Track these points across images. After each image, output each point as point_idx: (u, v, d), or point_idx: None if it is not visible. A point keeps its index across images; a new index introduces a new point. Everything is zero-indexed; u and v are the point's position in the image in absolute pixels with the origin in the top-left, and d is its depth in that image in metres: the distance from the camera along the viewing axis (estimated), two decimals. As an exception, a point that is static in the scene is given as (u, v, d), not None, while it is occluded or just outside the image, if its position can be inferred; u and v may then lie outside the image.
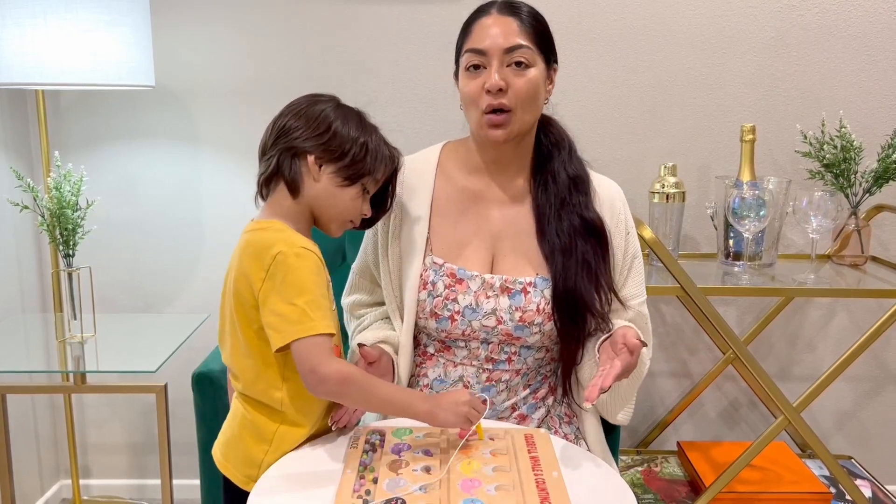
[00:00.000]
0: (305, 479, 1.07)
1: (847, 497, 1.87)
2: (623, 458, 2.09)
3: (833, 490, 1.89)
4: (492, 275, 1.31)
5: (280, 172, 1.14)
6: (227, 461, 1.17)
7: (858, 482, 1.92)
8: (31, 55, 1.66)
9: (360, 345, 1.27)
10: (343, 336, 1.35)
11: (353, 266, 1.45)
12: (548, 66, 1.29)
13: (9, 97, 2.01)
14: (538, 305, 1.28)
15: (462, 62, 1.28)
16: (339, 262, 1.82)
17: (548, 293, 1.29)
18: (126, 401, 2.23)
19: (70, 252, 1.79)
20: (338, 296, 1.29)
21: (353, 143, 1.14)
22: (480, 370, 1.32)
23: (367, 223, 1.27)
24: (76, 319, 1.82)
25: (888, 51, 2.01)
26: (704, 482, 1.83)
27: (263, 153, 1.17)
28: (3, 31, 1.65)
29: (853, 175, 1.88)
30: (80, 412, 2.23)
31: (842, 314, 2.16)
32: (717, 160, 2.07)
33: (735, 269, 1.84)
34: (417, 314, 1.32)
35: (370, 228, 1.36)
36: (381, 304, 1.42)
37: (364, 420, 1.30)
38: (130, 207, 2.12)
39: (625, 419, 1.40)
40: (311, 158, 1.13)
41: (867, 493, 1.91)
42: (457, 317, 1.29)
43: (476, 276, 1.30)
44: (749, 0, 2.00)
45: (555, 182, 1.32)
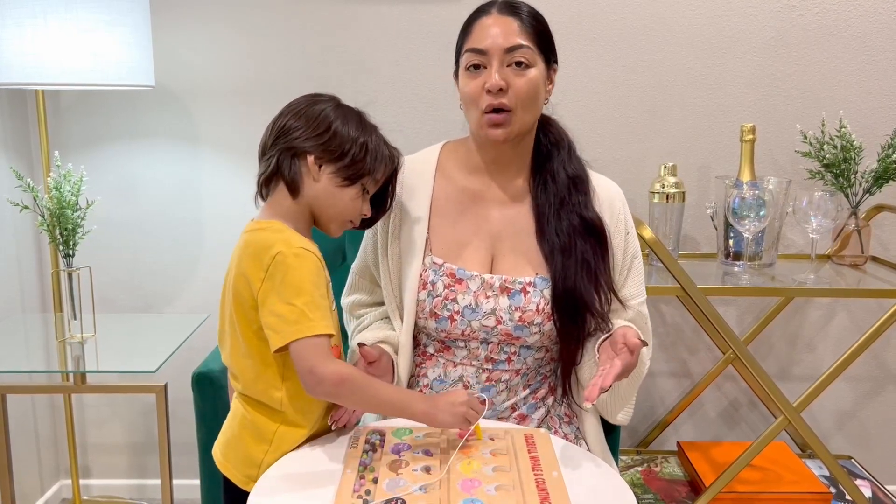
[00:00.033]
0: (305, 479, 1.07)
1: (847, 497, 1.87)
2: (623, 458, 2.09)
3: (833, 490, 1.89)
4: (491, 275, 1.31)
5: (280, 172, 1.14)
6: (227, 461, 1.17)
7: (858, 482, 1.92)
8: (31, 55, 1.66)
9: (360, 344, 1.27)
10: (343, 336, 1.35)
11: (353, 266, 1.45)
12: (548, 67, 1.29)
13: (9, 97, 2.01)
14: (538, 305, 1.28)
15: (462, 62, 1.28)
16: (339, 262, 1.82)
17: (547, 293, 1.29)
18: (126, 401, 2.23)
19: (70, 252, 1.79)
20: (337, 296, 1.29)
21: (353, 143, 1.14)
22: (480, 370, 1.32)
23: (367, 223, 1.27)
24: (76, 319, 1.82)
25: (888, 51, 2.01)
26: (704, 482, 1.83)
27: (263, 153, 1.17)
28: (3, 31, 1.65)
29: (853, 175, 1.88)
30: (80, 412, 2.23)
31: (842, 314, 2.16)
32: (717, 160, 2.07)
33: (735, 269, 1.84)
34: (417, 314, 1.32)
35: (370, 229, 1.36)
36: (381, 304, 1.42)
37: (364, 420, 1.30)
38: (130, 207, 2.12)
39: (625, 419, 1.39)
40: (311, 158, 1.13)
41: (867, 493, 1.91)
42: (456, 317, 1.29)
43: (475, 276, 1.30)
44: (749, 0, 2.00)
45: (554, 182, 1.32)
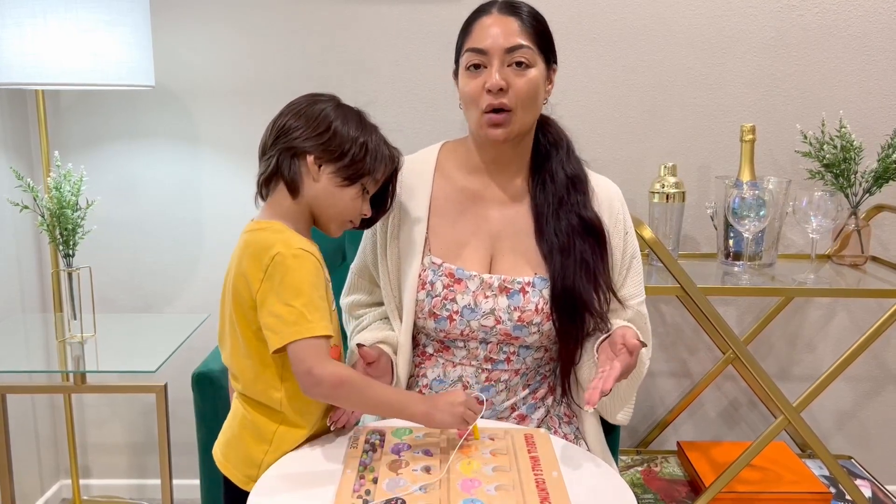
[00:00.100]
0: (305, 479, 1.07)
1: (847, 497, 1.87)
2: (623, 458, 2.09)
3: (833, 490, 1.89)
4: (490, 275, 1.31)
5: (280, 172, 1.14)
6: (228, 461, 1.17)
7: (858, 482, 1.92)
8: (31, 55, 1.66)
9: (359, 345, 1.27)
10: (343, 336, 1.35)
11: (352, 266, 1.45)
12: (547, 67, 1.29)
13: (9, 97, 2.01)
14: (537, 305, 1.28)
15: (462, 61, 1.28)
16: (339, 262, 1.82)
17: (546, 293, 1.29)
18: (126, 401, 2.23)
19: (70, 252, 1.79)
20: (337, 296, 1.29)
21: (353, 143, 1.14)
22: (479, 370, 1.32)
23: (367, 223, 1.27)
24: (76, 319, 1.82)
25: (888, 51, 2.01)
26: (704, 482, 1.83)
27: (263, 153, 1.17)
28: (3, 31, 1.65)
29: (853, 175, 1.88)
30: (80, 412, 2.23)
31: (842, 314, 2.16)
32: (717, 160, 2.07)
33: (735, 269, 1.84)
34: (416, 314, 1.32)
35: (369, 229, 1.36)
36: (380, 305, 1.42)
37: (363, 420, 1.30)
38: (130, 207, 2.12)
39: (624, 419, 1.39)
40: (311, 158, 1.13)
41: (867, 493, 1.91)
42: (455, 317, 1.29)
43: (475, 276, 1.30)
44: (749, 0, 2.00)
45: (553, 181, 1.32)
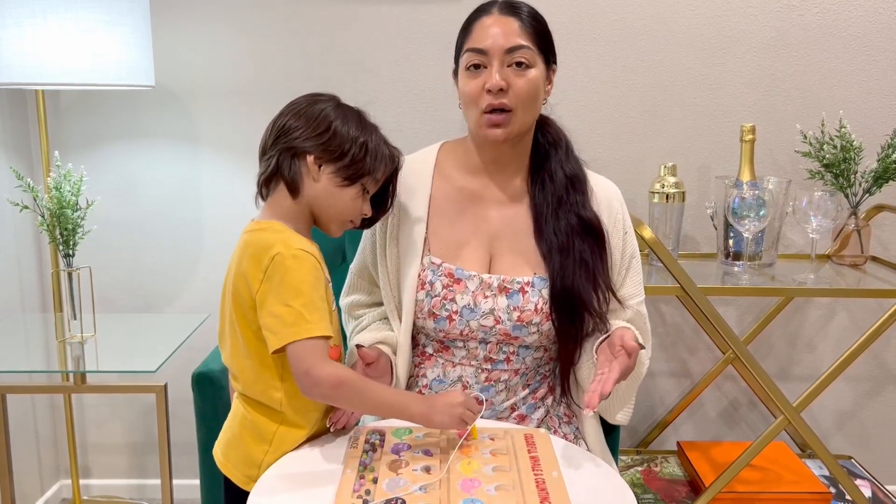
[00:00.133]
0: (305, 479, 1.07)
1: (847, 497, 1.87)
2: (623, 458, 2.09)
3: (833, 490, 1.89)
4: (490, 275, 1.31)
5: (280, 172, 1.14)
6: (228, 461, 1.17)
7: (858, 482, 1.92)
8: (31, 55, 1.66)
9: (359, 346, 1.27)
10: (343, 337, 1.35)
11: (352, 266, 1.45)
12: (547, 67, 1.29)
13: (9, 97, 2.01)
14: (536, 305, 1.28)
15: (462, 61, 1.28)
16: (339, 262, 1.82)
17: (546, 293, 1.29)
18: (126, 401, 2.23)
19: (70, 252, 1.79)
20: (337, 296, 1.29)
21: (353, 143, 1.14)
22: (479, 370, 1.32)
23: (367, 223, 1.27)
24: (76, 319, 1.82)
25: (888, 51, 2.01)
26: (704, 482, 1.83)
27: (263, 153, 1.17)
28: (3, 31, 1.65)
29: (853, 175, 1.88)
30: (80, 412, 2.23)
31: (842, 314, 2.16)
32: (717, 160, 2.07)
33: (735, 269, 1.84)
34: (416, 314, 1.32)
35: (368, 229, 1.36)
36: (380, 305, 1.42)
37: (363, 420, 1.30)
38: (130, 207, 2.12)
39: (624, 419, 1.40)
40: (311, 158, 1.13)
41: (867, 493, 1.91)
42: (455, 317, 1.29)
43: (474, 276, 1.30)
44: (749, 0, 2.00)
45: (552, 181, 1.32)
